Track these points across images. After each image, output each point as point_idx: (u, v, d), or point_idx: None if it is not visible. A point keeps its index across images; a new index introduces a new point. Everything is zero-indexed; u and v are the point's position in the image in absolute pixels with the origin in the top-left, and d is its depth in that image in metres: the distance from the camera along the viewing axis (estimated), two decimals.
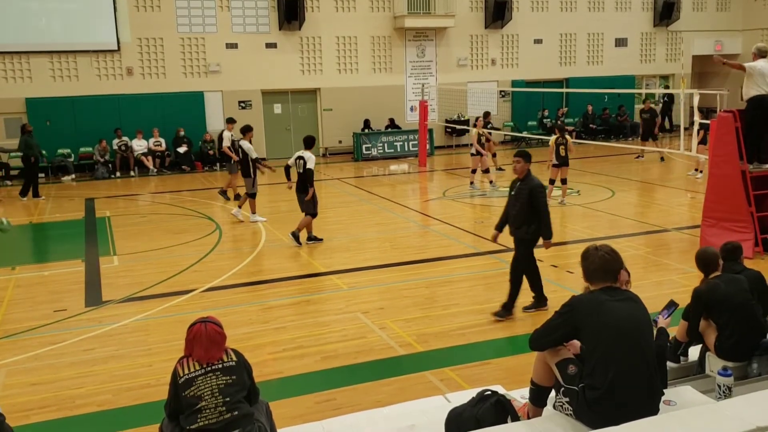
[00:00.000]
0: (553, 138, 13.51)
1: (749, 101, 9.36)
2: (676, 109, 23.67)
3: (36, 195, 16.14)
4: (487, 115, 17.37)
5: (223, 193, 14.89)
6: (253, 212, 12.64)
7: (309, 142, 10.66)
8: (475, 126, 16.08)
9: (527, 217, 7.23)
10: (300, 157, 10.53)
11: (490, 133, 17.06)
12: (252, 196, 12.53)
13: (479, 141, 15.39)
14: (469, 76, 23.89)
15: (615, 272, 3.68)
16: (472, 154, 15.52)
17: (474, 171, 15.71)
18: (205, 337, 3.70)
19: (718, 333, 4.72)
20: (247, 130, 12.72)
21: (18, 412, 5.42)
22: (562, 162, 13.30)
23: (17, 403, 5.67)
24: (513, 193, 7.38)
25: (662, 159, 19.54)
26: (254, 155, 12.44)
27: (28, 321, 7.75)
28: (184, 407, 3.62)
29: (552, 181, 13.43)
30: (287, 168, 10.88)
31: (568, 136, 13.54)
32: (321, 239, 11.01)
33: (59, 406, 5.67)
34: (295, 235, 10.77)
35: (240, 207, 12.83)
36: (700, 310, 4.78)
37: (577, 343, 3.82)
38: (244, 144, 12.44)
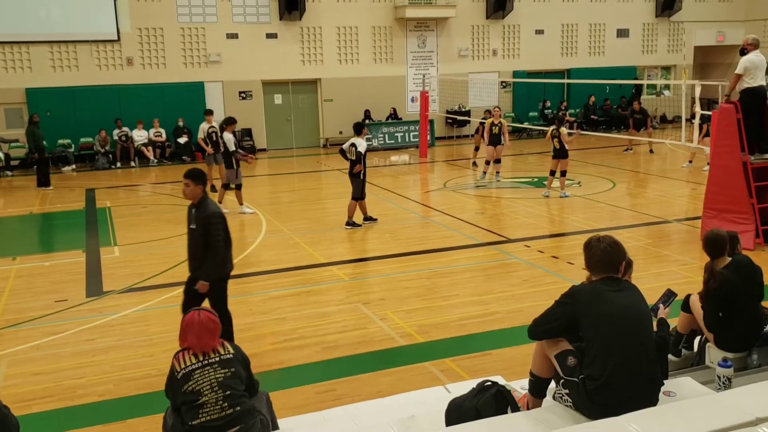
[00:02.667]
0: (549, 129, 13.55)
1: (742, 92, 9.52)
2: (677, 101, 23.58)
3: (42, 185, 16.26)
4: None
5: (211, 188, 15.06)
6: (241, 203, 12.61)
7: (357, 129, 11.23)
8: (489, 116, 15.67)
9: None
10: (353, 144, 11.01)
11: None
12: (238, 187, 12.52)
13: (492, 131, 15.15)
14: (470, 67, 23.81)
15: (617, 264, 3.67)
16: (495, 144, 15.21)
17: (488, 162, 15.45)
18: (197, 325, 3.68)
19: (717, 323, 4.71)
20: (228, 123, 12.63)
21: (19, 402, 5.43)
22: (556, 154, 13.27)
23: (19, 393, 5.69)
24: (192, 226, 5.88)
25: (651, 151, 19.61)
26: (232, 147, 12.37)
27: (29, 311, 7.77)
28: (185, 402, 3.60)
29: (552, 172, 13.45)
30: (342, 151, 11.32)
31: (562, 129, 13.29)
32: (376, 219, 11.56)
33: (60, 396, 5.69)
34: (350, 223, 11.27)
35: (221, 202, 12.54)
36: (716, 306, 4.66)
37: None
38: (226, 136, 12.40)
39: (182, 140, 20.14)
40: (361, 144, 10.97)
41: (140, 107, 20.00)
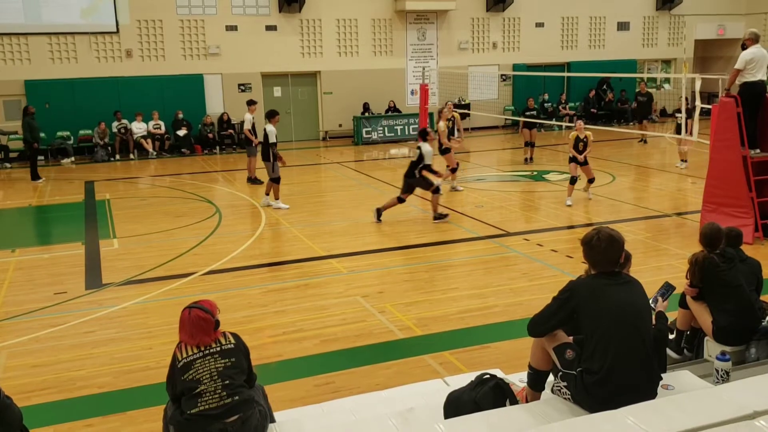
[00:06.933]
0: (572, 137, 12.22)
1: (741, 86, 9.55)
2: (677, 95, 23.54)
3: (35, 177, 16.01)
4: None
5: (252, 180, 14.97)
6: (276, 198, 12.45)
7: (423, 135, 11.57)
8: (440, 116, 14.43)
9: None
10: (418, 147, 11.25)
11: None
12: (275, 180, 12.37)
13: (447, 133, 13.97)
14: (470, 60, 23.75)
15: (616, 257, 3.66)
16: (447, 151, 13.88)
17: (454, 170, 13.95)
18: (188, 323, 3.71)
19: (714, 317, 4.72)
20: (272, 115, 12.58)
21: (19, 394, 5.43)
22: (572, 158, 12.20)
23: (18, 384, 5.69)
24: None
25: (644, 141, 19.68)
26: (273, 140, 12.25)
27: (28, 303, 7.77)
28: (184, 391, 3.62)
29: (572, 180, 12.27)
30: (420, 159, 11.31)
31: (588, 134, 12.02)
32: (447, 215, 11.32)
33: (60, 388, 5.70)
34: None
35: (267, 194, 12.59)
36: (701, 275, 4.75)
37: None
38: (268, 128, 12.30)
39: (181, 132, 20.09)
40: (428, 153, 11.09)
41: (139, 99, 19.94)
